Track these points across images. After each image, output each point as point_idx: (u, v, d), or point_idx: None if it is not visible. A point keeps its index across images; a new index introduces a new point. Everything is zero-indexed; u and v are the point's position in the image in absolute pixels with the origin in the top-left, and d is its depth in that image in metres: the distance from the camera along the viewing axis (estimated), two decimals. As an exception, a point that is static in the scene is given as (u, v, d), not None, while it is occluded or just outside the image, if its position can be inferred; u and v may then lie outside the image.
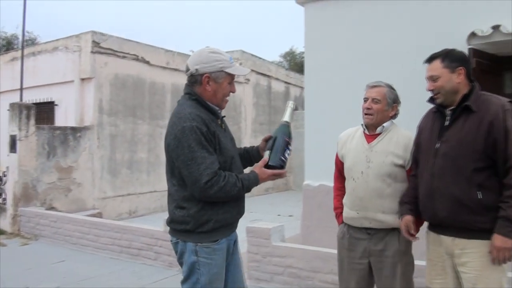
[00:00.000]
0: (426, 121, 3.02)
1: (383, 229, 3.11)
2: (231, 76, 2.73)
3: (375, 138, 3.19)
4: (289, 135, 2.84)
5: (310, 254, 5.03)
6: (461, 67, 2.79)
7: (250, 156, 3.05)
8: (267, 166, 2.77)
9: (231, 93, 2.80)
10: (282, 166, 2.79)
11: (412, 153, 3.09)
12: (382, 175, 3.09)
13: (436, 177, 2.77)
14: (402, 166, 3.11)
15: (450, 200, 2.69)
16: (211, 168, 2.52)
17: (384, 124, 3.18)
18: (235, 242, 2.89)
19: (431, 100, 2.92)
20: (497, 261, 2.59)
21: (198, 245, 2.63)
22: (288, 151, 2.81)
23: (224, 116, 2.89)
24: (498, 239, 2.56)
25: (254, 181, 2.71)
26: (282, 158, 2.79)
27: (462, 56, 2.87)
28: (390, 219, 3.09)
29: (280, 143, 2.80)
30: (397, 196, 3.10)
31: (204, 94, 2.70)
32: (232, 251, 2.84)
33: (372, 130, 3.21)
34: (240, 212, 2.82)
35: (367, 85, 3.26)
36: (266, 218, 9.43)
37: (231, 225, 2.78)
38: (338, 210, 3.41)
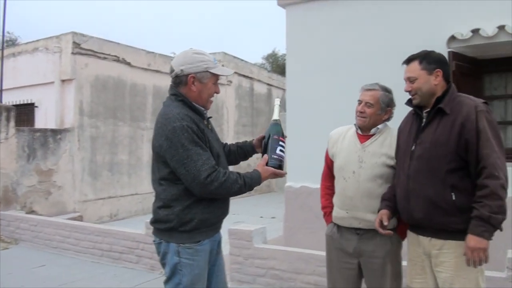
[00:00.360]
0: (405, 123, 3.03)
1: (372, 229, 3.10)
2: (216, 77, 2.75)
3: (369, 138, 3.19)
4: (278, 133, 2.85)
5: (292, 256, 5.03)
6: (438, 69, 2.81)
7: (245, 152, 3.09)
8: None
9: (215, 94, 2.81)
10: (279, 166, 2.82)
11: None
12: (374, 175, 3.10)
13: (412, 179, 2.78)
14: (394, 168, 3.11)
15: (425, 201, 2.71)
16: (207, 163, 2.54)
17: (378, 126, 3.19)
18: (219, 243, 2.89)
19: (409, 102, 2.94)
20: (472, 263, 2.55)
21: (180, 246, 2.63)
22: (279, 148, 2.82)
23: (211, 117, 2.91)
24: (472, 240, 2.53)
25: (257, 179, 2.74)
26: (275, 156, 2.80)
27: (440, 58, 2.87)
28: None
29: (271, 143, 2.83)
30: None
31: (189, 95, 2.71)
32: (215, 252, 2.84)
33: (365, 131, 3.21)
34: (225, 212, 2.83)
35: (362, 87, 3.25)
36: (248, 220, 9.39)
37: (215, 226, 2.78)
38: (327, 209, 3.39)
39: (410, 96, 2.90)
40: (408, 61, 2.88)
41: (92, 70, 11.06)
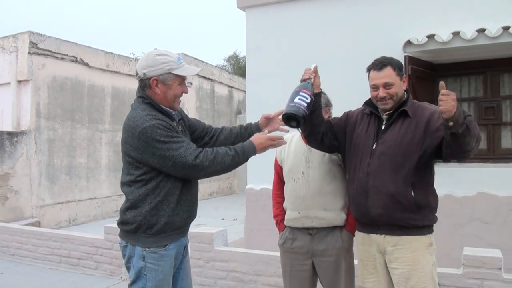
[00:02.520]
0: (360, 119, 3.05)
1: (324, 228, 3.18)
2: (181, 77, 2.73)
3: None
4: (301, 86, 2.77)
5: (253, 258, 5.05)
6: (405, 76, 2.94)
7: (249, 133, 3.07)
8: (283, 117, 2.71)
9: (184, 94, 2.81)
10: (296, 111, 2.64)
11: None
12: (322, 173, 3.17)
13: (372, 175, 2.83)
14: (340, 164, 3.20)
15: (386, 197, 2.77)
16: (190, 147, 2.57)
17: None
18: (186, 247, 2.87)
19: (368, 104, 3.01)
20: (443, 104, 2.38)
21: (146, 250, 2.62)
22: (299, 97, 2.69)
23: (181, 119, 2.89)
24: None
25: (249, 147, 2.70)
26: (292, 104, 2.68)
27: (402, 65, 2.98)
28: (331, 216, 3.16)
29: (290, 95, 2.74)
30: (337, 193, 3.18)
31: (155, 97, 2.70)
32: (181, 256, 2.84)
33: None
34: (191, 216, 2.81)
35: None
36: (210, 222, 9.37)
37: (181, 229, 2.76)
38: (279, 217, 3.44)
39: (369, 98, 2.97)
40: (381, 66, 2.86)
41: (49, 71, 10.82)
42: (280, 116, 2.79)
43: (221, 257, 5.23)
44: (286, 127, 2.92)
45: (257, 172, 6.63)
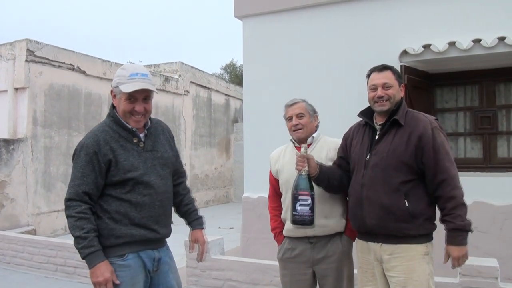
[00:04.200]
0: (355, 134, 3.12)
1: (325, 236, 3.17)
2: (127, 93, 2.63)
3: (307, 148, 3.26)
4: (297, 187, 2.89)
5: (250, 267, 5.04)
6: (403, 84, 3.00)
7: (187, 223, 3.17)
8: (292, 224, 2.93)
9: (138, 111, 2.70)
10: (303, 222, 2.86)
11: (335, 159, 3.21)
12: None
13: (366, 186, 2.87)
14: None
15: (379, 208, 2.80)
16: (76, 189, 2.59)
17: (314, 135, 3.31)
18: (160, 260, 2.80)
19: (363, 113, 3.07)
20: (457, 267, 2.80)
21: (108, 259, 2.60)
22: (299, 203, 2.86)
23: (156, 139, 2.85)
24: (454, 250, 2.71)
25: (91, 258, 2.58)
26: (295, 213, 2.86)
27: (401, 75, 3.04)
28: (332, 222, 3.16)
29: (291, 196, 2.91)
30: (336, 199, 3.19)
31: (117, 110, 2.73)
32: (155, 270, 2.78)
33: (302, 142, 3.28)
34: (157, 230, 2.75)
35: (286, 105, 3.38)
36: (207, 231, 9.20)
37: (144, 242, 2.71)
38: (277, 230, 3.43)
39: (365, 107, 3.04)
40: (382, 69, 2.97)
41: (46, 79, 10.81)
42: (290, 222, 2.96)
43: (218, 266, 5.22)
44: None
45: (254, 181, 6.63)
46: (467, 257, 2.75)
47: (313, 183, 2.95)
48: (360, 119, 3.14)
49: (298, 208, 2.85)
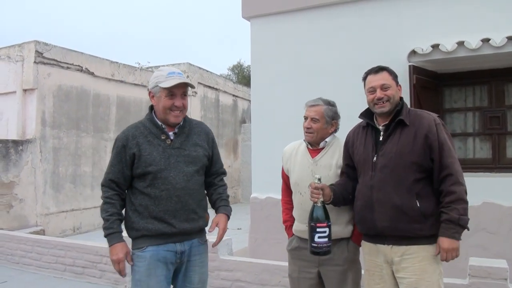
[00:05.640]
0: (356, 136, 3.11)
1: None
2: (167, 90, 2.87)
3: (319, 152, 3.28)
4: (314, 219, 2.90)
5: (258, 267, 5.04)
6: (399, 84, 3.00)
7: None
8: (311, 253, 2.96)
9: (177, 106, 2.92)
10: (321, 252, 2.90)
11: (342, 167, 3.20)
12: None
13: (376, 189, 2.85)
14: None
15: (392, 210, 2.78)
16: (105, 176, 2.94)
17: (327, 139, 3.28)
18: (182, 254, 2.94)
19: (364, 115, 3.06)
20: (446, 261, 2.74)
21: (132, 251, 2.90)
22: (318, 235, 2.88)
23: (187, 137, 3.00)
24: (445, 242, 2.69)
25: (112, 237, 2.85)
26: (314, 245, 2.89)
27: (397, 75, 3.04)
28: (337, 229, 3.15)
29: (308, 232, 2.94)
30: (343, 207, 3.17)
31: (155, 109, 2.97)
32: (179, 262, 2.93)
33: (314, 145, 3.30)
34: (173, 224, 2.87)
35: (306, 104, 3.36)
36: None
37: (161, 236, 2.86)
38: (288, 223, 3.46)
39: (365, 109, 3.03)
40: (378, 70, 2.96)
41: (55, 80, 10.89)
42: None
43: (226, 267, 5.23)
44: None
45: (262, 181, 6.63)
46: (457, 253, 2.72)
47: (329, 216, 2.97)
48: (358, 121, 3.13)
49: (317, 240, 2.87)
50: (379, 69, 2.97)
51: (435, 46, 5.51)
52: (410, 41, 5.71)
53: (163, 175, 2.85)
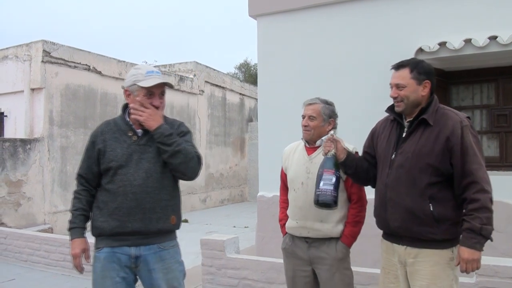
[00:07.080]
0: (382, 129, 3.02)
1: (320, 238, 3.21)
2: (146, 89, 2.81)
3: (315, 150, 3.30)
4: (322, 166, 2.88)
5: (265, 265, 5.05)
6: (427, 80, 2.80)
7: None
8: (315, 204, 2.91)
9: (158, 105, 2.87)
10: (325, 201, 2.83)
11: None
12: None
13: (390, 187, 2.79)
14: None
15: (403, 211, 2.72)
16: (78, 171, 2.99)
17: (323, 138, 3.27)
18: (139, 258, 2.82)
19: (390, 109, 2.93)
20: (466, 272, 2.60)
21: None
22: (323, 182, 2.83)
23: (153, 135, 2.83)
24: (465, 252, 2.56)
25: (69, 225, 2.94)
26: (319, 191, 2.83)
27: (430, 69, 2.85)
28: (327, 228, 3.18)
29: (317, 175, 2.90)
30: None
31: (130, 107, 2.89)
32: (134, 267, 2.83)
33: (311, 143, 3.34)
34: (125, 222, 2.77)
35: (304, 103, 3.40)
36: (221, 230, 9.40)
37: (116, 237, 2.80)
38: (283, 221, 3.50)
39: (392, 103, 2.89)
40: (398, 67, 2.84)
41: (62, 79, 10.93)
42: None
43: (233, 265, 5.24)
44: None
45: (269, 180, 6.63)
46: (478, 265, 2.58)
47: (340, 169, 2.92)
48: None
49: (322, 186, 2.81)
50: (399, 66, 2.83)
51: (442, 44, 5.50)
52: (417, 39, 5.69)
53: (122, 171, 2.78)
